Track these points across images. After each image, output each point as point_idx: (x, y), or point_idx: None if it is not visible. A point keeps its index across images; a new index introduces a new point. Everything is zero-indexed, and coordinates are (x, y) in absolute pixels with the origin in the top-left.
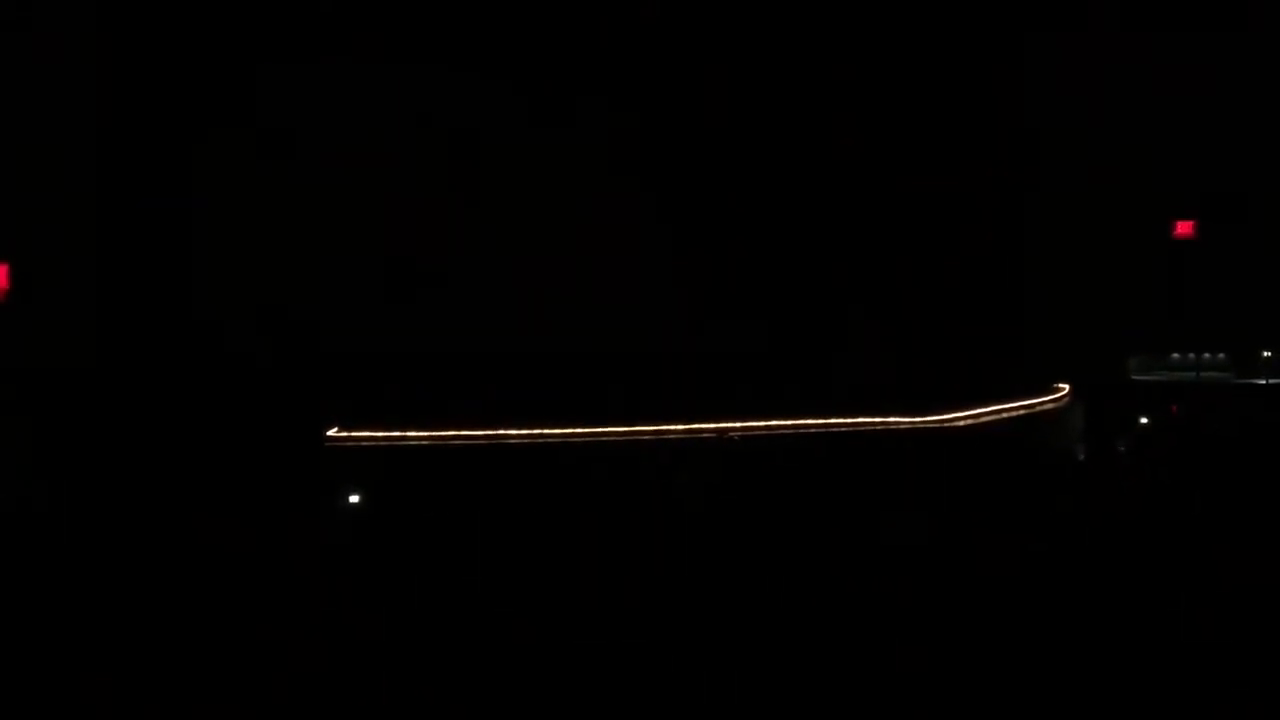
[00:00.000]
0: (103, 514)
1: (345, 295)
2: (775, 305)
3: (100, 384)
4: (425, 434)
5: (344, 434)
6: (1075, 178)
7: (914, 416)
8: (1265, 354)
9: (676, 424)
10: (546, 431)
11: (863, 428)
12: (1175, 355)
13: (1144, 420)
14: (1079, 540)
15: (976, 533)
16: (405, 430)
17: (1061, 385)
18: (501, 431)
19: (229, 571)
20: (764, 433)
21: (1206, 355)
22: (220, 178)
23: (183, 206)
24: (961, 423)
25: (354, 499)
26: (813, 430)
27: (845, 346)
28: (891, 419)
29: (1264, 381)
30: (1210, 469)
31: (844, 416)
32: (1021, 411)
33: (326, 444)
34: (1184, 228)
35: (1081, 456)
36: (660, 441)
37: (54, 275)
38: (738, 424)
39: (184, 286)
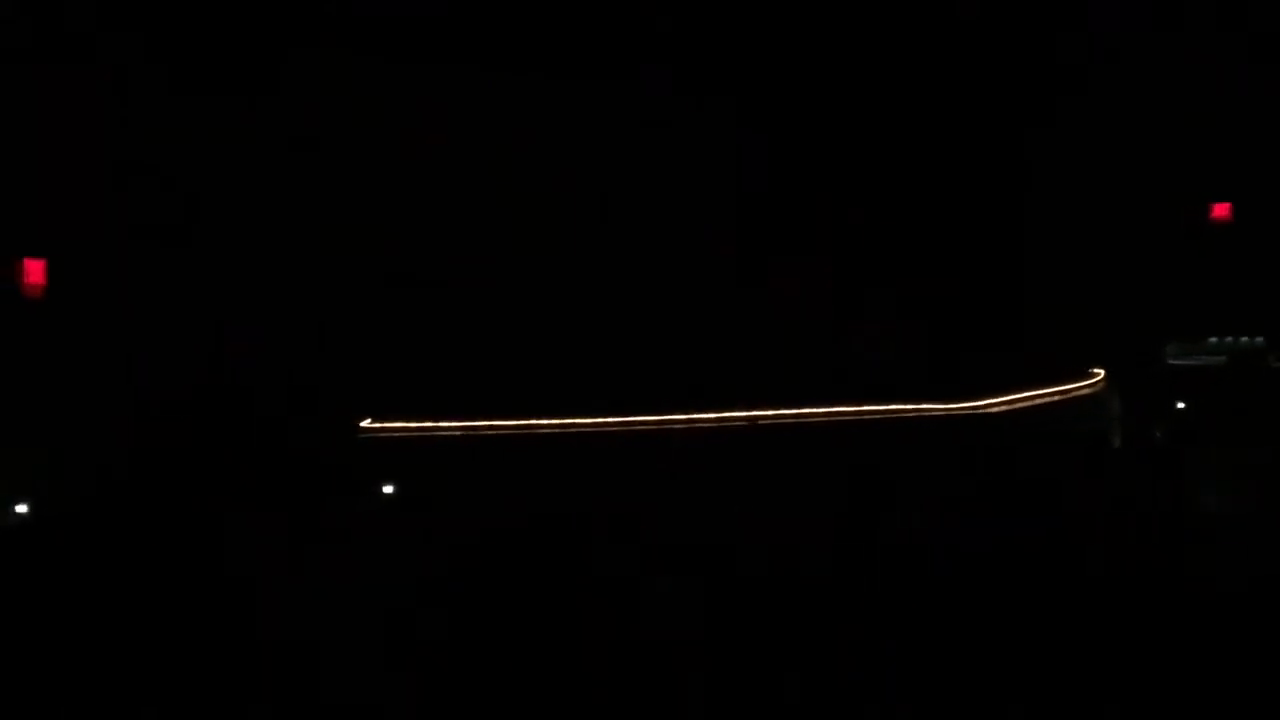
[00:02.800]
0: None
1: (366, 291)
2: (797, 295)
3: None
4: (457, 424)
5: (377, 425)
6: (1109, 161)
7: (948, 404)
8: None
9: (707, 412)
10: (576, 421)
11: (895, 415)
12: (1212, 339)
13: (1181, 405)
14: (1108, 534)
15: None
16: (438, 421)
17: (1097, 371)
18: (532, 421)
19: (255, 564)
20: (794, 420)
21: (1244, 339)
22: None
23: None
24: (996, 409)
25: (388, 489)
26: (845, 418)
27: (873, 335)
28: (925, 406)
29: None
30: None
31: (876, 404)
32: (1057, 398)
33: (360, 435)
34: (1220, 210)
35: (1118, 443)
36: (691, 430)
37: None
38: (769, 412)
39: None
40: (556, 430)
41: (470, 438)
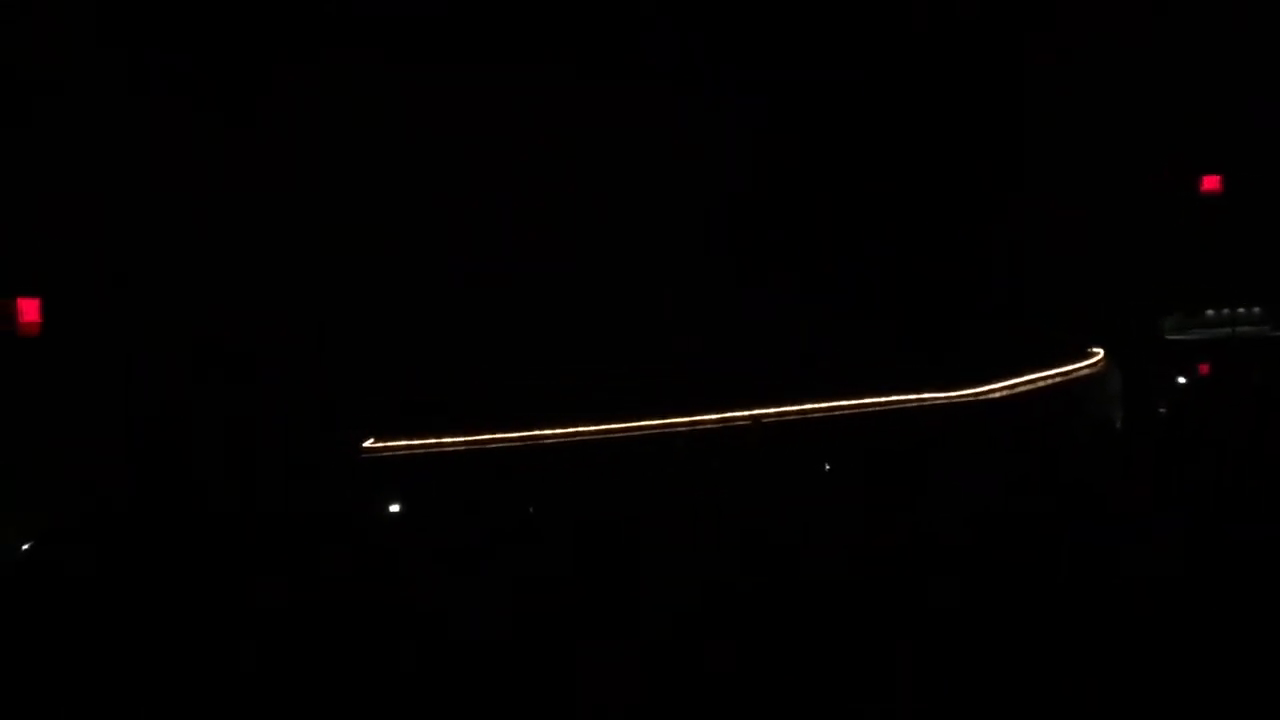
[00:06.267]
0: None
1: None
2: (786, 291)
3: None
4: (461, 439)
5: (380, 444)
6: (1098, 140)
7: (949, 392)
8: None
9: (710, 413)
10: (581, 429)
11: (895, 406)
12: (1210, 312)
13: (1181, 380)
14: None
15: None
16: (440, 436)
17: (1096, 350)
18: (537, 432)
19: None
20: (796, 417)
21: (1241, 310)
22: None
23: None
24: (998, 395)
25: (394, 508)
26: (847, 412)
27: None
28: (926, 395)
29: None
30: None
31: (876, 396)
32: (1058, 379)
33: (363, 455)
34: (1210, 182)
35: (1119, 423)
36: (695, 432)
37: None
38: (771, 410)
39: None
40: (560, 440)
41: (473, 452)
